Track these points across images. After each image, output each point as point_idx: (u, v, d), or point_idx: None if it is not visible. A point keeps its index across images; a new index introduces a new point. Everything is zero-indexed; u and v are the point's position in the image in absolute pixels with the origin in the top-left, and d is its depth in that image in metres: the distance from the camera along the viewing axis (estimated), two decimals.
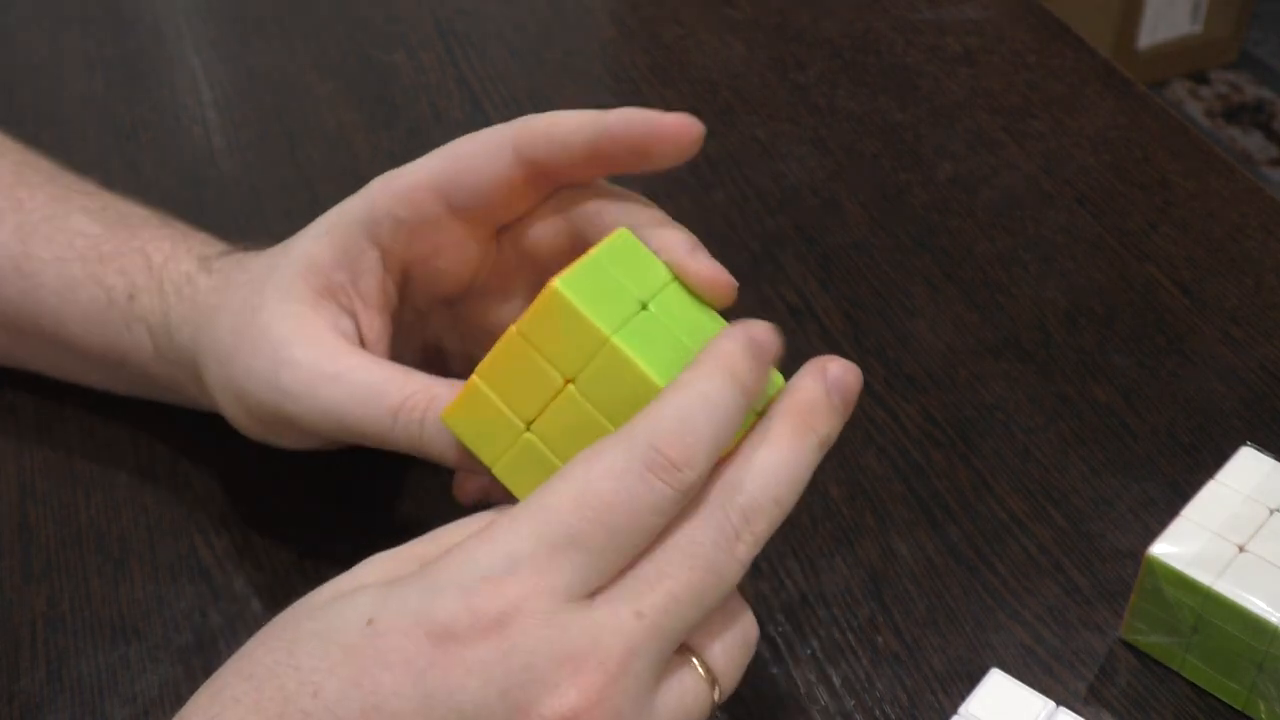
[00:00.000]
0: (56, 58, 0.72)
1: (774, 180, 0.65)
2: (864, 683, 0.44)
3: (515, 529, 0.34)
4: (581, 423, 0.37)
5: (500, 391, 0.38)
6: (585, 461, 0.34)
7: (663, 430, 0.34)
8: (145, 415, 0.52)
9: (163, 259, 0.48)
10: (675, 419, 0.34)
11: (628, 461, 0.34)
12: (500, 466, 0.38)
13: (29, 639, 0.45)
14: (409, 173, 0.43)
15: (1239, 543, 0.43)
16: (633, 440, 0.34)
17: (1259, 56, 2.29)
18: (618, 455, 0.34)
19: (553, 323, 0.36)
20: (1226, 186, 0.64)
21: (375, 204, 0.43)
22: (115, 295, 0.48)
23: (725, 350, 0.36)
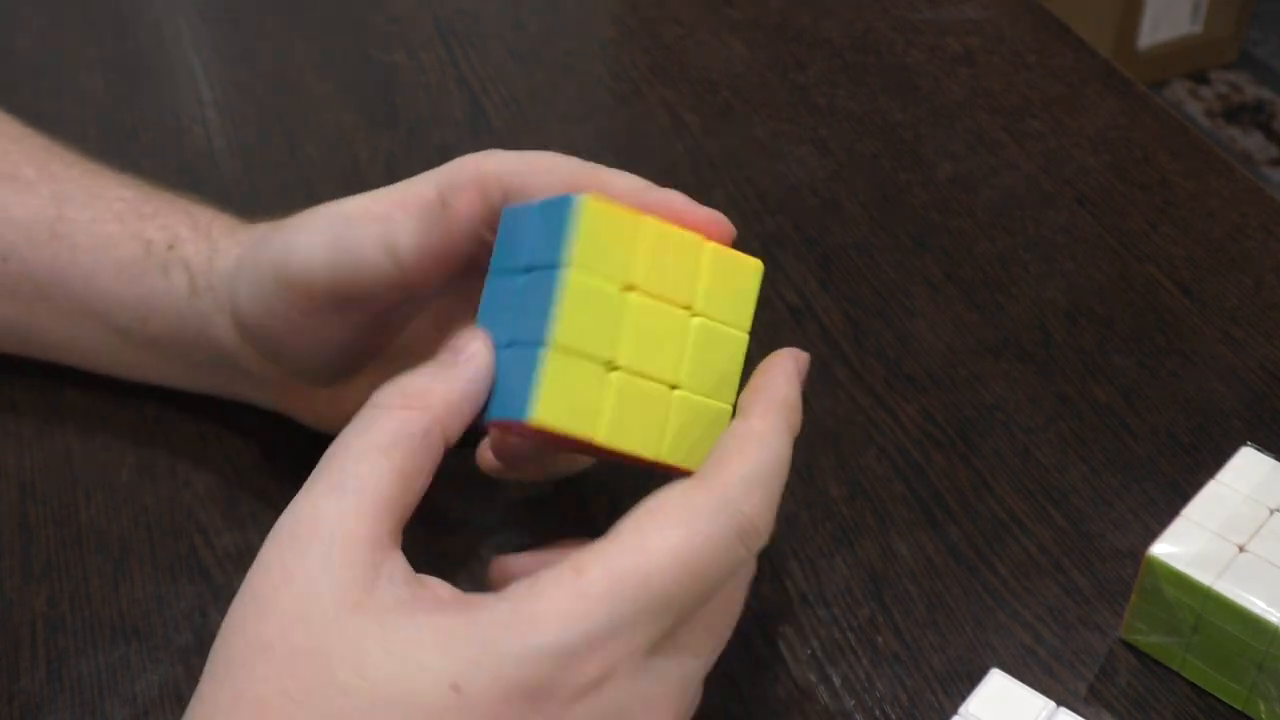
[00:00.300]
0: (56, 58, 0.72)
1: (774, 180, 0.64)
2: (864, 683, 0.44)
3: (616, 591, 0.33)
4: (661, 326, 0.37)
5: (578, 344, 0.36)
6: (685, 525, 0.34)
7: (756, 498, 0.35)
8: (145, 415, 0.52)
9: (208, 218, 0.49)
10: (762, 484, 0.35)
11: (725, 530, 0.34)
12: (603, 431, 0.37)
13: (29, 639, 0.45)
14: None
15: (1239, 543, 0.43)
16: (728, 506, 0.34)
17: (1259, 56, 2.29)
18: (714, 521, 0.34)
19: (594, 234, 0.36)
20: (1226, 186, 0.64)
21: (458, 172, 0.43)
22: (154, 247, 0.48)
23: (789, 400, 0.37)
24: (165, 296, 0.48)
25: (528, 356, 0.36)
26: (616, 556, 0.33)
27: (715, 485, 0.35)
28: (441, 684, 0.32)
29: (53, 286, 0.50)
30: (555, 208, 0.37)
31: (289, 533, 0.34)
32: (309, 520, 0.34)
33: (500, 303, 0.39)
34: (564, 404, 0.36)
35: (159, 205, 0.50)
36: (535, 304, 0.37)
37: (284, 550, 0.34)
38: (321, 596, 0.33)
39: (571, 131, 0.67)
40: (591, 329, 0.36)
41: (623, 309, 0.37)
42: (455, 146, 0.66)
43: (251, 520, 0.49)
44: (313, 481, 0.35)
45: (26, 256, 0.50)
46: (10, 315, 0.51)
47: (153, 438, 0.52)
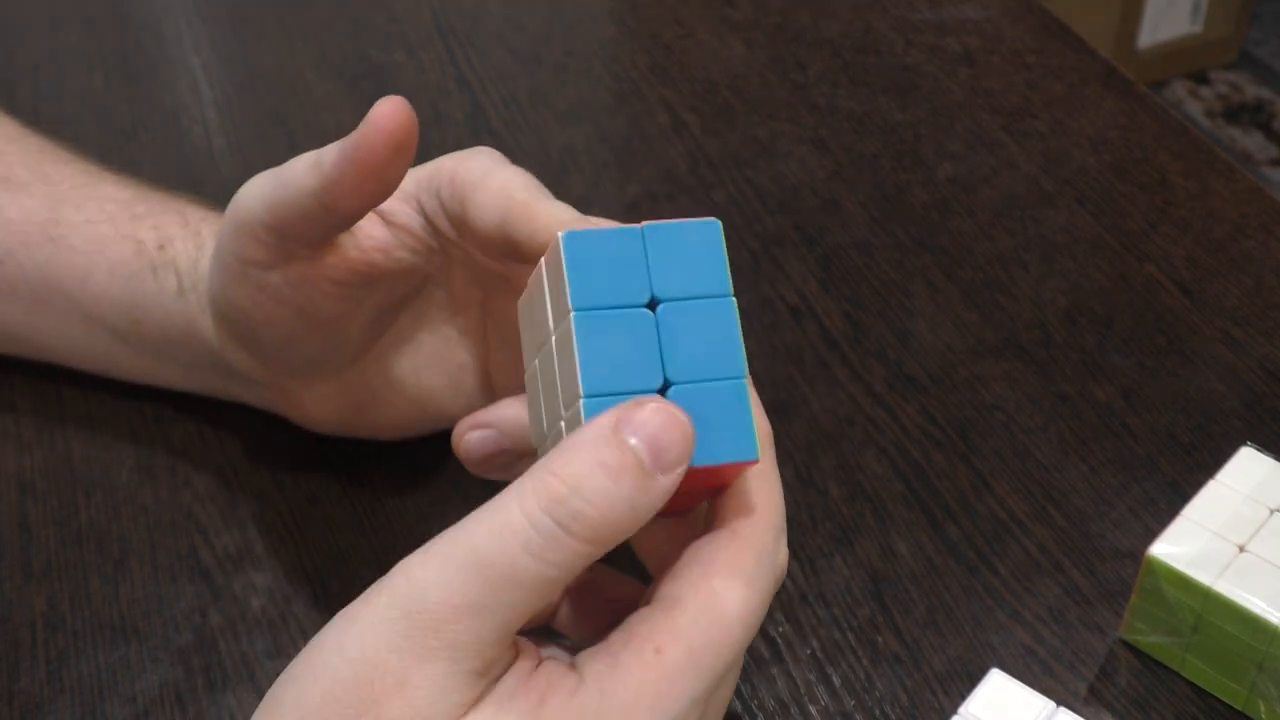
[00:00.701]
0: (56, 57, 0.72)
1: (774, 180, 0.64)
2: (864, 683, 0.44)
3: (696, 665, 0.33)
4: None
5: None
6: (745, 584, 0.34)
7: (783, 545, 0.36)
8: (145, 415, 0.52)
9: (199, 217, 0.49)
10: (783, 532, 0.36)
11: (770, 582, 0.35)
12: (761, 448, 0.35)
13: (29, 639, 0.45)
14: None
15: (1239, 543, 0.43)
16: (768, 557, 0.35)
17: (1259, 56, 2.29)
18: (765, 577, 0.35)
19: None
20: (1226, 186, 0.64)
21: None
22: (145, 248, 0.48)
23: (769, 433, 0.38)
24: (156, 298, 0.48)
25: (723, 394, 0.34)
26: (692, 628, 0.33)
27: (756, 540, 0.35)
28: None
29: (48, 289, 0.50)
30: (700, 233, 0.35)
31: (414, 632, 0.31)
32: (445, 633, 0.31)
33: (616, 342, 0.34)
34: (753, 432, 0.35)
35: (152, 205, 0.50)
36: (705, 335, 0.34)
37: (404, 652, 0.31)
38: (435, 713, 0.31)
39: (571, 131, 0.67)
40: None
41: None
42: (455, 147, 0.66)
43: (251, 520, 0.49)
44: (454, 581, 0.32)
45: (21, 259, 0.50)
46: (7, 317, 0.51)
47: (153, 438, 0.52)
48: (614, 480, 0.32)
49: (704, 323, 0.34)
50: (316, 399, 0.48)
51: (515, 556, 0.31)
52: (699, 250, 0.35)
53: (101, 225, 0.49)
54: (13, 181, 0.51)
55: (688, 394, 0.34)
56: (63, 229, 0.50)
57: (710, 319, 0.34)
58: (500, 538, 0.32)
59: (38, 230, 0.50)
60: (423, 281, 0.46)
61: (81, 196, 0.50)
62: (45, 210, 0.50)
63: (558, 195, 0.41)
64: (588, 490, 0.32)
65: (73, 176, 0.51)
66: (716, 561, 0.34)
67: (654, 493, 0.32)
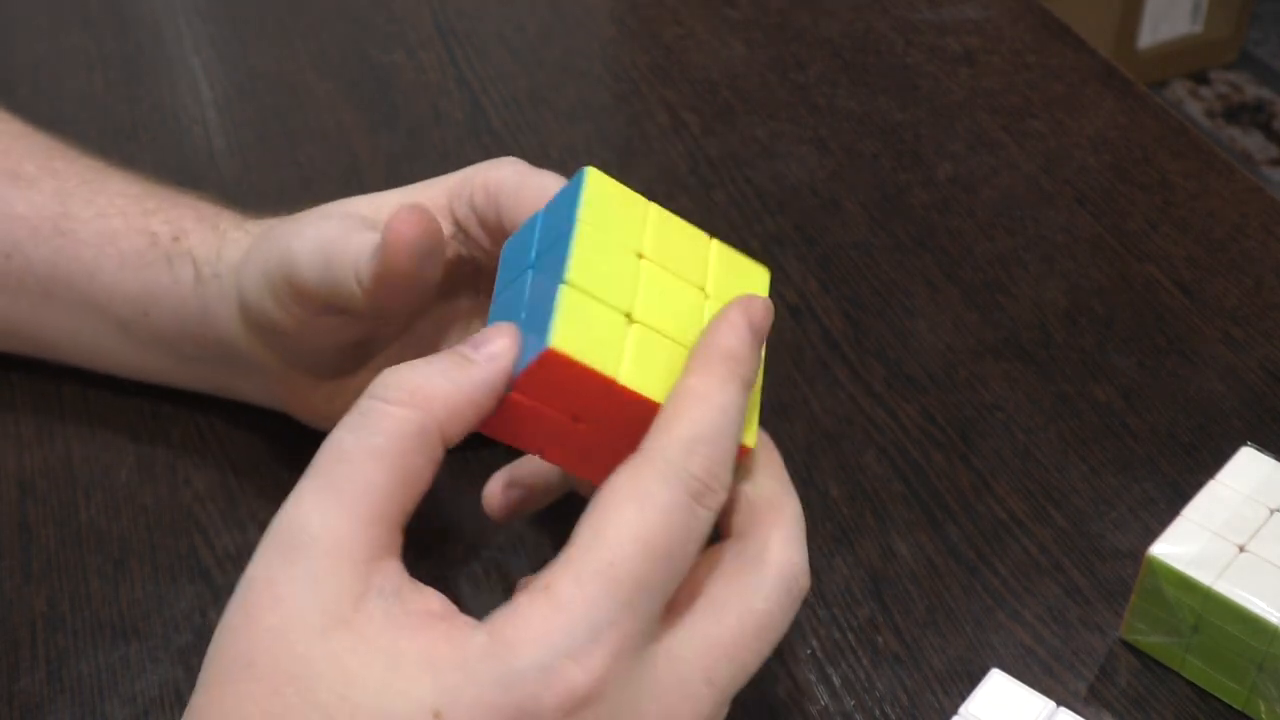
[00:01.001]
0: (56, 58, 0.72)
1: (774, 180, 0.64)
2: (864, 683, 0.44)
3: (587, 596, 0.32)
4: (675, 297, 0.37)
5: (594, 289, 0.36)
6: (634, 500, 0.33)
7: (698, 455, 0.34)
8: (145, 415, 0.52)
9: (214, 211, 0.49)
10: (707, 441, 0.34)
11: (674, 494, 0.33)
12: (624, 373, 0.36)
13: (29, 639, 0.45)
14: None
15: (1239, 543, 0.43)
16: (672, 469, 0.34)
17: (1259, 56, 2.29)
18: (664, 489, 0.33)
19: (602, 200, 0.37)
20: (1226, 186, 0.64)
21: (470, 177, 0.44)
22: (160, 239, 0.48)
23: (733, 351, 0.36)
24: (170, 288, 0.48)
25: (546, 299, 0.36)
26: (579, 561, 0.33)
27: (657, 454, 0.34)
28: (424, 710, 0.31)
29: (55, 282, 0.50)
30: (567, 188, 0.38)
31: (276, 542, 0.33)
32: (297, 530, 0.33)
33: (509, 301, 0.38)
34: (583, 337, 0.35)
35: (163, 200, 0.50)
36: (551, 267, 0.36)
37: (271, 562, 0.33)
38: (306, 613, 0.32)
39: (571, 131, 0.67)
40: (606, 278, 0.36)
41: (636, 270, 0.37)
42: (455, 146, 0.66)
43: (251, 520, 0.49)
44: (304, 484, 0.34)
45: (29, 252, 0.50)
46: (12, 312, 0.51)
47: (153, 437, 0.52)
48: (428, 361, 0.35)
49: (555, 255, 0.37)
50: (325, 395, 0.48)
51: (338, 436, 0.34)
52: (567, 201, 0.38)
53: (113, 219, 0.49)
54: (21, 177, 0.51)
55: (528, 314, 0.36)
56: (72, 223, 0.50)
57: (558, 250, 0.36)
58: (331, 433, 0.34)
59: (47, 224, 0.50)
60: (450, 288, 0.46)
61: (91, 191, 0.51)
62: (54, 204, 0.50)
63: None
64: (403, 370, 0.35)
65: (81, 172, 0.52)
66: (615, 483, 0.34)
67: (473, 369, 0.35)
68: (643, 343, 0.36)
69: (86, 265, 0.49)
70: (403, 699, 0.31)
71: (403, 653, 0.32)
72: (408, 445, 0.34)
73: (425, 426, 0.34)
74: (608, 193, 0.38)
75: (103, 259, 0.49)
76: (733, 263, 0.40)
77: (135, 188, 0.51)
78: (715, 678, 0.34)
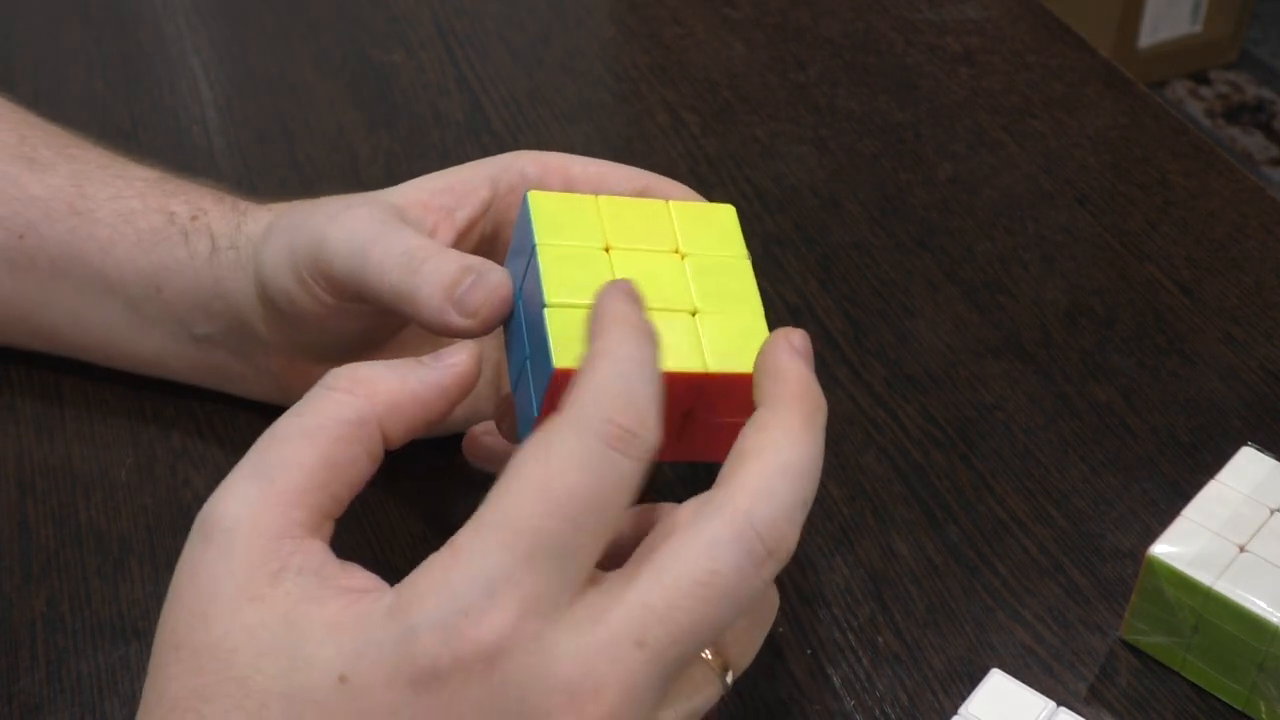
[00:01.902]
0: (56, 57, 0.72)
1: (774, 180, 0.64)
2: (864, 683, 0.44)
3: (484, 548, 0.31)
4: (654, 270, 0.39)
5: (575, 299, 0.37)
6: (538, 455, 0.32)
7: (609, 401, 0.32)
8: (145, 414, 0.52)
9: (233, 197, 0.50)
10: (617, 386, 0.32)
11: (584, 443, 0.31)
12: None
13: (29, 639, 0.45)
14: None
15: (1239, 543, 0.43)
16: (583, 419, 0.32)
17: (1259, 56, 2.29)
18: (571, 439, 0.32)
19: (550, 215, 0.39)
20: (1226, 186, 0.64)
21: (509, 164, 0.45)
22: (178, 216, 0.49)
23: (617, 310, 0.34)
24: (185, 261, 0.48)
25: (537, 326, 0.37)
26: (481, 517, 0.32)
27: (568, 407, 0.32)
28: (330, 675, 0.31)
29: (69, 261, 0.50)
30: (521, 214, 0.40)
31: (200, 524, 0.33)
32: (220, 509, 0.33)
33: (516, 330, 0.40)
34: (580, 346, 0.35)
35: (181, 184, 0.51)
36: (532, 291, 0.38)
37: (193, 542, 0.33)
38: (221, 590, 0.32)
39: (571, 131, 0.67)
40: (583, 284, 0.37)
41: (608, 264, 0.39)
42: (455, 147, 0.66)
43: None
44: (237, 466, 0.34)
45: (44, 232, 0.50)
46: (20, 293, 0.51)
47: (152, 437, 0.52)
48: (384, 363, 0.35)
49: (530, 281, 0.38)
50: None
51: (279, 420, 0.34)
52: (522, 224, 0.40)
53: (131, 200, 0.50)
54: (38, 162, 0.51)
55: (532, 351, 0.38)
56: (89, 203, 0.50)
57: (531, 276, 0.38)
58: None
59: (63, 205, 0.50)
60: None
61: (109, 175, 0.51)
62: (71, 186, 0.51)
63: None
64: (356, 364, 0.35)
65: (98, 158, 0.52)
66: (521, 448, 0.32)
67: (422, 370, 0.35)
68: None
69: (101, 243, 0.49)
70: (309, 667, 0.31)
71: (311, 623, 0.32)
72: (343, 431, 0.34)
73: (363, 414, 0.34)
74: (554, 208, 0.40)
75: (118, 237, 0.49)
76: (696, 215, 0.41)
77: (153, 173, 0.52)
78: (648, 640, 0.31)
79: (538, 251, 0.38)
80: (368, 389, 0.34)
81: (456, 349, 0.36)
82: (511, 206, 0.45)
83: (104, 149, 0.53)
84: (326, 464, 0.34)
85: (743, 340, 0.38)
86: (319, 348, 0.47)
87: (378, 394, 0.34)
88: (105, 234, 0.49)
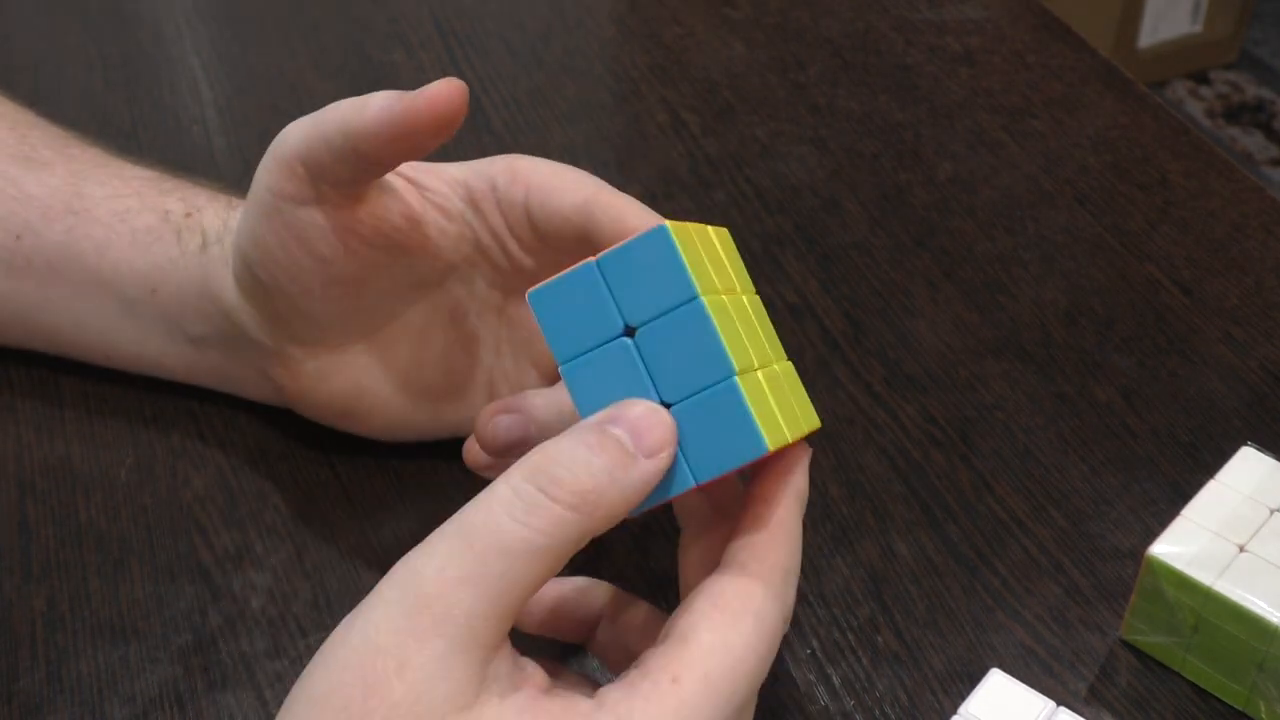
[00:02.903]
0: (56, 57, 0.72)
1: (774, 180, 0.64)
2: (864, 683, 0.44)
3: (714, 700, 0.34)
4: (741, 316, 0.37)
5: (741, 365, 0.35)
6: (752, 616, 0.35)
7: (791, 587, 0.38)
8: (144, 415, 0.52)
9: (227, 196, 0.50)
10: (795, 574, 0.38)
11: (779, 621, 0.36)
12: (789, 431, 0.36)
13: (29, 639, 0.45)
14: None
15: (1239, 543, 0.43)
16: (775, 594, 0.36)
17: (1259, 56, 2.29)
18: (773, 612, 0.36)
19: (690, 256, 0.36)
20: (1226, 186, 0.64)
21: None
22: (173, 215, 0.49)
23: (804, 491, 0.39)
24: (177, 260, 0.49)
25: (717, 398, 0.35)
26: (706, 661, 0.34)
27: (766, 577, 0.36)
28: None
29: (65, 262, 0.50)
30: (640, 245, 0.35)
31: (410, 610, 0.32)
32: (438, 608, 0.32)
33: (606, 378, 0.36)
34: (767, 422, 0.35)
35: (179, 183, 0.51)
36: (686, 345, 0.35)
37: (403, 632, 0.32)
38: (436, 695, 0.32)
39: (571, 131, 0.67)
40: (735, 343, 0.35)
41: (731, 314, 0.36)
42: (455, 146, 0.66)
43: (251, 520, 0.49)
44: (451, 558, 0.33)
45: (41, 232, 0.50)
46: (17, 294, 0.51)
47: (152, 437, 0.52)
48: (593, 453, 0.34)
49: (681, 333, 0.35)
50: (315, 373, 0.48)
51: (500, 522, 0.33)
52: (656, 261, 0.35)
53: (128, 199, 0.50)
54: (35, 160, 0.51)
55: (687, 411, 0.35)
56: (85, 202, 0.50)
57: (686, 327, 0.35)
58: (486, 509, 0.33)
59: (60, 204, 0.50)
60: (446, 272, 0.46)
61: (106, 174, 0.51)
62: (68, 186, 0.51)
63: None
64: (567, 460, 0.33)
65: (96, 157, 0.52)
66: (726, 596, 0.35)
67: (636, 471, 0.34)
68: (771, 389, 0.37)
69: (97, 242, 0.50)
70: None
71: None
72: (567, 550, 0.34)
73: (586, 532, 0.34)
74: (689, 243, 0.36)
75: (114, 236, 0.49)
76: (723, 240, 0.40)
77: (150, 172, 0.52)
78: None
79: (703, 300, 0.35)
80: (592, 506, 0.33)
81: (651, 425, 0.34)
82: (501, 196, 0.44)
83: (102, 148, 0.53)
84: (546, 578, 0.34)
85: (797, 394, 0.39)
86: (301, 330, 0.46)
87: (600, 510, 0.34)
88: (101, 233, 0.49)
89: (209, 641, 0.45)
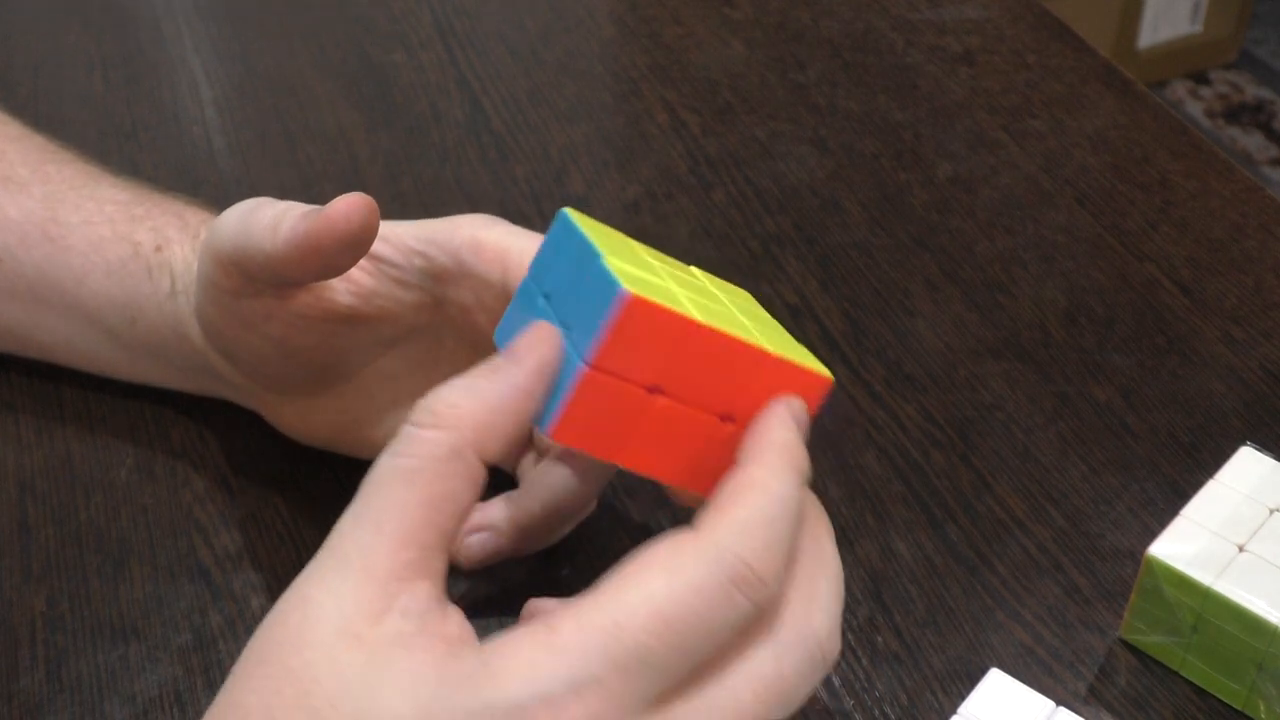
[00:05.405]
0: (56, 58, 0.72)
1: (774, 180, 0.65)
2: (864, 683, 0.44)
3: (583, 645, 0.31)
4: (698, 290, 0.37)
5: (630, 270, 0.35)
6: (666, 573, 0.32)
7: (749, 542, 0.33)
8: (145, 415, 0.52)
9: (199, 219, 0.50)
10: (762, 531, 0.33)
11: (712, 577, 0.32)
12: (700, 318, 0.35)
13: (29, 639, 0.45)
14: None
15: (1239, 542, 0.43)
16: (715, 549, 0.32)
17: (1259, 56, 2.29)
18: (699, 566, 0.32)
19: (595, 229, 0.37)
20: (1226, 186, 0.64)
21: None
22: (143, 249, 0.49)
23: (786, 443, 0.35)
24: (150, 297, 0.48)
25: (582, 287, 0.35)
26: (591, 610, 0.32)
27: (704, 531, 0.33)
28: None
29: (46, 287, 0.50)
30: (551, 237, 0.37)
31: (318, 558, 0.34)
32: (334, 548, 0.33)
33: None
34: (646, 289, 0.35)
35: (150, 207, 0.50)
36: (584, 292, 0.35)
37: (308, 574, 0.34)
38: (324, 624, 0.32)
39: (571, 131, 0.67)
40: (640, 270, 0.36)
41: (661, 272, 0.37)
42: (455, 146, 0.66)
43: (251, 520, 0.49)
44: (349, 507, 0.34)
45: (20, 256, 0.50)
46: (8, 315, 0.51)
47: (152, 438, 0.52)
48: (461, 378, 0.35)
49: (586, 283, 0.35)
50: (295, 414, 0.48)
51: (378, 462, 0.34)
52: (566, 244, 0.36)
53: (100, 226, 0.50)
54: (12, 181, 0.51)
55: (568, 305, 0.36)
56: (61, 229, 0.50)
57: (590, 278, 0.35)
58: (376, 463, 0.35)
59: (36, 229, 0.50)
60: (409, 330, 0.46)
61: (81, 197, 0.51)
62: (43, 210, 0.50)
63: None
64: (437, 392, 0.34)
65: (72, 177, 0.52)
66: (654, 552, 0.33)
67: (499, 377, 0.34)
68: (699, 302, 0.36)
69: (75, 272, 0.49)
70: (381, 715, 0.31)
71: (394, 669, 0.32)
72: (439, 468, 0.34)
73: (456, 447, 0.34)
74: (595, 225, 0.37)
75: (90, 266, 0.49)
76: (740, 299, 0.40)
77: (125, 194, 0.51)
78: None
79: (591, 241, 0.35)
80: (453, 420, 0.34)
81: (527, 345, 0.35)
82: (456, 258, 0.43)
83: (82, 164, 0.53)
84: (429, 503, 0.34)
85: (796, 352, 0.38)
86: (268, 382, 0.47)
87: (464, 422, 0.34)
88: (79, 263, 0.49)
89: (209, 641, 0.45)
